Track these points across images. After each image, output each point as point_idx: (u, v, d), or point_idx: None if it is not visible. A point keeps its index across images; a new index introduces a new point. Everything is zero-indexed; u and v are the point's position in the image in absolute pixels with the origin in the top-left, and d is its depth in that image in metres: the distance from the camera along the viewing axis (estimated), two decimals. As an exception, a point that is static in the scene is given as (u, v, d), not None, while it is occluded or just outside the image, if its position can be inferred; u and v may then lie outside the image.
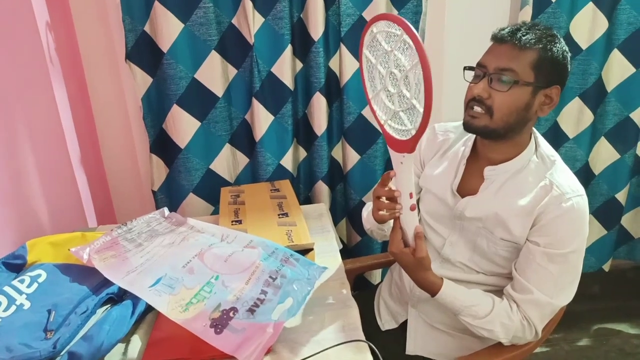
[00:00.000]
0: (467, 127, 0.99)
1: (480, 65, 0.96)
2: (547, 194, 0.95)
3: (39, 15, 1.23)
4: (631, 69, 1.66)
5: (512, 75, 0.92)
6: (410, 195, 0.90)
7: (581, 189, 0.97)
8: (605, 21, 1.60)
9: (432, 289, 1.00)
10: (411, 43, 0.76)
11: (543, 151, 1.01)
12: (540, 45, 0.92)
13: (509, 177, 1.00)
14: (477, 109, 0.95)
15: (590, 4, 1.57)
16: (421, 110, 0.79)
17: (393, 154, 0.89)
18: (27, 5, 1.20)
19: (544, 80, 0.93)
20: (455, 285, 1.01)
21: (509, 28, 0.95)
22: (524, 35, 0.92)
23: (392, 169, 0.92)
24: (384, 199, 0.94)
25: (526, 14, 1.56)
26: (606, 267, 1.96)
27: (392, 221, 0.97)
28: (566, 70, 0.96)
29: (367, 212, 1.22)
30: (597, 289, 2.06)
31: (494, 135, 0.98)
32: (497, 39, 0.95)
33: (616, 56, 1.64)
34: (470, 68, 0.98)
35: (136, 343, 0.85)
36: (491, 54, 0.96)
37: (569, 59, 0.96)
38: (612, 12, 1.59)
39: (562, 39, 0.95)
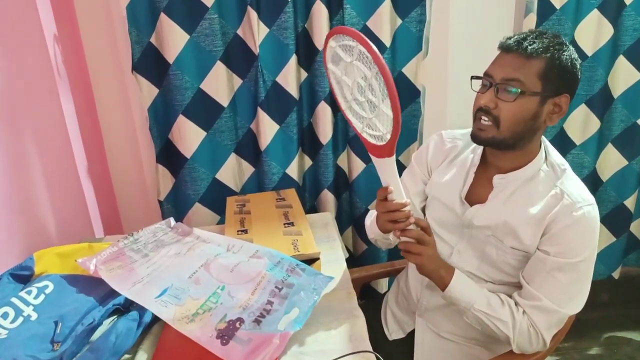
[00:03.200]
0: (475, 138, 0.99)
1: (487, 74, 0.96)
2: (557, 203, 0.95)
3: (47, 27, 1.25)
4: (637, 75, 1.65)
5: (519, 85, 0.91)
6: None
7: (592, 199, 0.96)
8: (611, 27, 1.59)
9: (446, 278, 1.00)
10: (367, 52, 0.79)
11: (553, 160, 1.00)
12: (548, 54, 0.90)
13: (519, 186, 1.00)
14: (485, 119, 0.95)
15: (595, 10, 1.57)
16: (390, 114, 0.81)
17: (376, 160, 0.91)
18: (35, 18, 1.21)
19: (552, 89, 0.92)
20: (467, 278, 1.02)
21: (515, 37, 0.94)
22: (530, 45, 0.91)
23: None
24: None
25: (531, 21, 1.55)
26: (616, 274, 1.93)
27: None
28: (575, 79, 0.95)
29: (370, 220, 1.21)
30: (606, 297, 2.04)
31: (502, 146, 0.97)
32: (504, 48, 0.95)
33: (622, 62, 1.63)
34: (478, 77, 0.98)
35: (142, 354, 0.85)
36: (498, 63, 0.95)
37: (578, 66, 0.94)
38: (617, 19, 1.59)
39: (571, 47, 0.94)
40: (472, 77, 0.99)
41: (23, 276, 1.00)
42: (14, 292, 0.93)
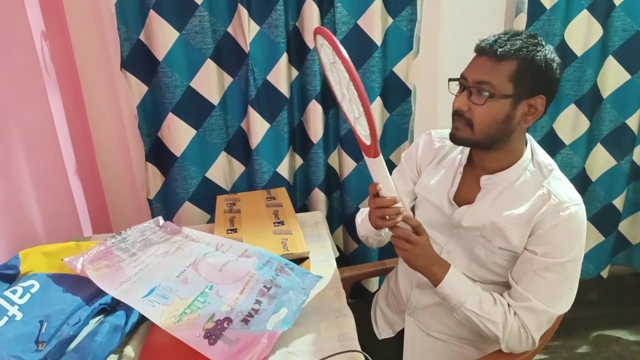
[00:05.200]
0: (452, 138, 1.00)
1: (462, 77, 0.96)
2: (545, 203, 0.95)
3: (34, 24, 1.23)
4: (626, 76, 1.66)
5: (489, 88, 0.90)
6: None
7: (579, 198, 0.96)
8: (600, 28, 1.60)
9: (439, 275, 1.00)
10: (337, 58, 0.80)
11: (540, 159, 1.01)
12: (519, 55, 0.89)
13: (505, 186, 1.00)
14: (459, 121, 0.95)
15: (585, 11, 1.58)
16: (365, 118, 0.83)
17: (366, 158, 0.92)
18: (22, 14, 1.19)
19: (525, 91, 0.91)
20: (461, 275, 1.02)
21: (489, 39, 0.93)
22: (500, 47, 0.89)
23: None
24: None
25: (521, 22, 1.56)
26: (604, 273, 1.95)
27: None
28: (551, 79, 0.92)
29: (361, 218, 1.21)
30: (595, 296, 2.05)
31: (478, 147, 0.99)
32: (478, 50, 0.94)
33: (611, 63, 1.65)
34: (454, 79, 0.98)
35: (129, 354, 0.84)
36: (472, 66, 0.95)
37: (555, 66, 0.92)
38: (607, 19, 1.60)
39: (547, 46, 0.92)
40: (450, 80, 0.99)
41: (8, 275, 0.99)
42: (-2, 291, 0.92)
